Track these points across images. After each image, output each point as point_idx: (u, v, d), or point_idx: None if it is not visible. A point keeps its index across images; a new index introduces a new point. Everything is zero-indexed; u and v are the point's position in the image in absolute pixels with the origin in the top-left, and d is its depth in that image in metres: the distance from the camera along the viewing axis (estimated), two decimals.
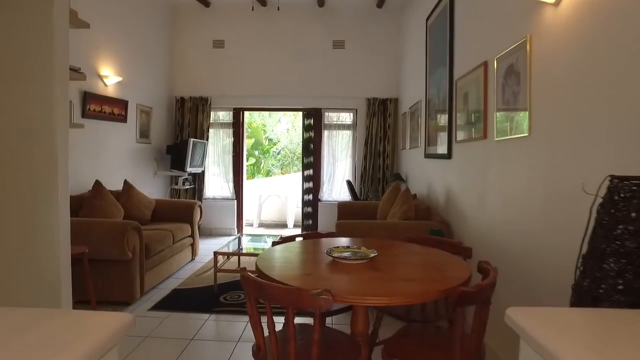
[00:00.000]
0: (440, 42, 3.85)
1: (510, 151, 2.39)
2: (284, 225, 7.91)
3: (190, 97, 6.33)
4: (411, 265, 2.03)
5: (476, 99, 2.91)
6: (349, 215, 4.89)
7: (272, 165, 11.74)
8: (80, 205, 3.79)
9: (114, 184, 4.67)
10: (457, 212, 3.40)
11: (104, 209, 3.85)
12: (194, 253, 4.89)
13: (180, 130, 6.35)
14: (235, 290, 3.78)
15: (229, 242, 4.36)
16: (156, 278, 3.87)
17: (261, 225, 7.97)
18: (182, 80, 6.47)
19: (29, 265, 1.93)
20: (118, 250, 3.23)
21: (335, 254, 1.99)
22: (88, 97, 4.20)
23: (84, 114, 4.17)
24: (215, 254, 3.76)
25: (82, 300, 2.99)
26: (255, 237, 5.06)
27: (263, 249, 4.11)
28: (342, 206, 5.00)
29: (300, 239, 2.50)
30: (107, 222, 3.39)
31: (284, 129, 11.89)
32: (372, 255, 1.97)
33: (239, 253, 4.10)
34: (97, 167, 4.51)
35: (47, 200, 1.93)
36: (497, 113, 2.52)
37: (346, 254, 2.00)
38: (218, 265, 3.80)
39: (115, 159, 4.88)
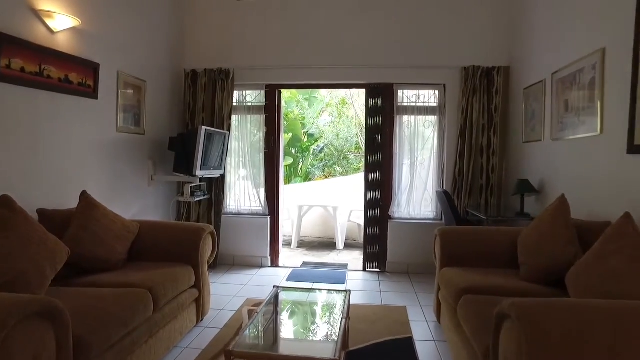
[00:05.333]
0: None
1: None
2: (331, 245, 5.93)
3: (205, 70, 4.42)
4: None
5: None
6: (461, 253, 2.86)
7: (312, 166, 9.70)
8: None
9: (73, 200, 2.79)
10: None
11: (9, 255, 1.94)
12: (200, 312, 2.94)
13: (191, 117, 4.45)
14: None
15: (259, 311, 2.34)
16: None
17: (301, 244, 6.02)
18: (194, 46, 4.57)
19: None
20: None
21: None
22: (4, 44, 2.31)
23: None
24: (228, 354, 1.78)
25: None
26: (302, 292, 2.94)
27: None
28: (447, 236, 2.95)
29: None
30: None
31: (327, 121, 9.82)
32: None
33: (273, 357, 2.01)
34: (36, 171, 2.66)
35: None
36: None
37: None
38: None
39: (75, 158, 3.01)
